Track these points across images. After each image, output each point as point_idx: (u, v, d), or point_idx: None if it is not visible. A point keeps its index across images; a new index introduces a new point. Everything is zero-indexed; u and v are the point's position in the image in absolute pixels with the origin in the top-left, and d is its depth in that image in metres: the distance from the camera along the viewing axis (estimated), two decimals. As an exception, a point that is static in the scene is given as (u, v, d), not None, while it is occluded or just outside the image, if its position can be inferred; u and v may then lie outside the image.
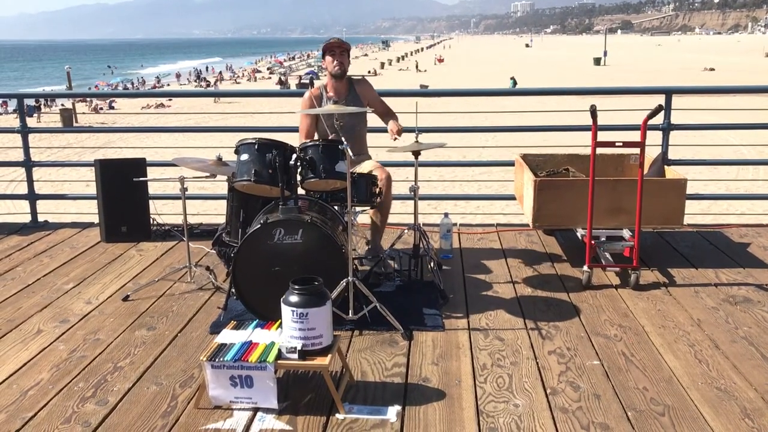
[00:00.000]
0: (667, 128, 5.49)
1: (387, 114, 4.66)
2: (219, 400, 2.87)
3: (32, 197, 6.06)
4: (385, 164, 4.57)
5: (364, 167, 4.43)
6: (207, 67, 78.99)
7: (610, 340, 3.51)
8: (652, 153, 4.97)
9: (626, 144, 4.15)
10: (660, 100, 5.15)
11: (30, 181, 6.09)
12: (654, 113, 4.16)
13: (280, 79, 53.52)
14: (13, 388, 3.09)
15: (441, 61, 76.18)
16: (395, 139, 4.45)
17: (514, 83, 39.50)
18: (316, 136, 4.56)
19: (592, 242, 4.30)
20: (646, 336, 3.55)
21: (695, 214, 5.90)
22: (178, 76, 67.85)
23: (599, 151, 4.26)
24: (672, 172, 4.83)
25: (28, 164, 6.02)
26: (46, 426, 2.78)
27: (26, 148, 5.97)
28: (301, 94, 4.78)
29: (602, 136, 4.14)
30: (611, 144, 4.13)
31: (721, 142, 14.96)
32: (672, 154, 5.50)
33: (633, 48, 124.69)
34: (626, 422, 2.76)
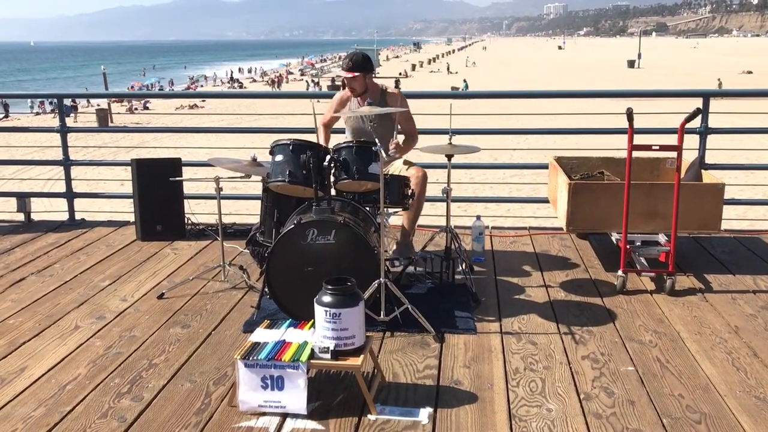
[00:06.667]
0: (704, 132, 5.40)
1: (408, 135, 4.55)
2: (247, 405, 2.86)
3: (70, 195, 6.17)
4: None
5: (395, 166, 4.43)
6: (240, 69, 79.72)
7: (645, 346, 3.47)
8: (688, 157, 4.90)
9: (663, 148, 4.09)
10: (697, 103, 5.06)
11: (68, 179, 6.20)
12: (692, 117, 4.10)
13: (272, 80, 54.50)
14: (52, 383, 3.15)
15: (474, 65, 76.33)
16: (393, 150, 4.24)
17: (467, 86, 40.33)
18: (348, 137, 4.57)
19: (627, 247, 4.25)
20: (681, 342, 3.50)
21: (731, 219, 5.79)
22: (206, 78, 68.34)
23: (635, 154, 4.21)
24: (709, 177, 4.75)
25: (66, 163, 6.12)
26: (83, 420, 2.84)
27: (65, 147, 6.08)
28: (331, 96, 4.89)
29: (638, 139, 4.09)
30: (648, 148, 4.08)
31: (757, 146, 14.68)
32: (708, 159, 5.41)
33: (668, 50, 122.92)
34: (661, 429, 2.72)
